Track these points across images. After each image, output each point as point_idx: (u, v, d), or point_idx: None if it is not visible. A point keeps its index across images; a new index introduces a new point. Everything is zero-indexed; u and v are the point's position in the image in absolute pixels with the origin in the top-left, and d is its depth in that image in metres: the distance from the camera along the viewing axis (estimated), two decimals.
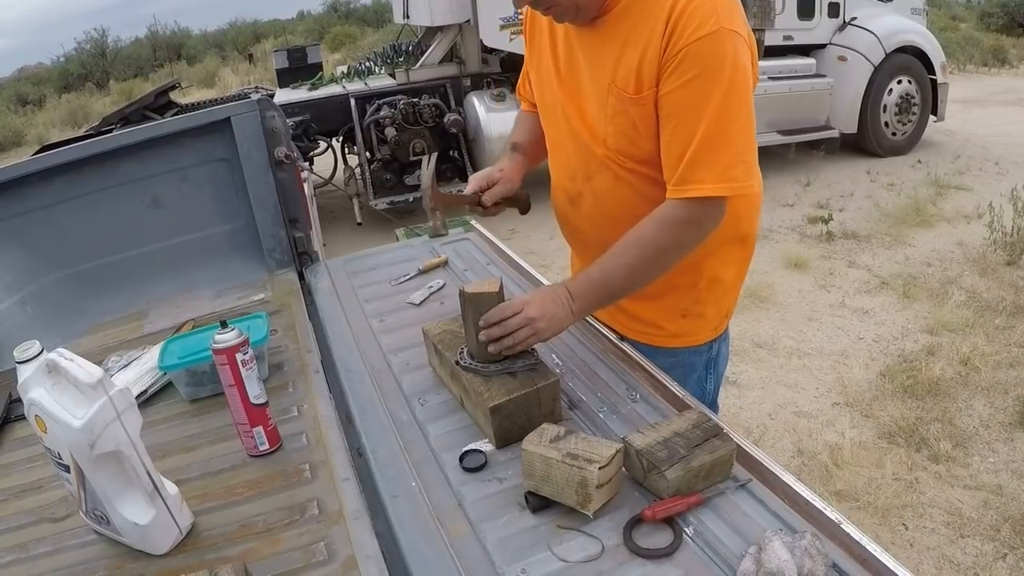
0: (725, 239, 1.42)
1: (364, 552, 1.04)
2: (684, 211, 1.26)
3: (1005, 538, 2.27)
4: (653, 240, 1.27)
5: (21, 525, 1.23)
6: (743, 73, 1.21)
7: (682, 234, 1.27)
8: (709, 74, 1.19)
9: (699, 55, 1.18)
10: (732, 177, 1.23)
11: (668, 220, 1.27)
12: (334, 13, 24.49)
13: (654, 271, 1.31)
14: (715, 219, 1.28)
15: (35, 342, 1.09)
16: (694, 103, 1.21)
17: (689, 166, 1.23)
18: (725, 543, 0.98)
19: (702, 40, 1.18)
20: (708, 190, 1.23)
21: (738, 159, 1.23)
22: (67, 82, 19.13)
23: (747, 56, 1.22)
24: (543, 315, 1.26)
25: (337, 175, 6.12)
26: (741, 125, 1.23)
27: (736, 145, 1.22)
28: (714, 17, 1.18)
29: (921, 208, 5.15)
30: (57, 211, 1.99)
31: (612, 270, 1.29)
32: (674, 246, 1.28)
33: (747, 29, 1.24)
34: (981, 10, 15.34)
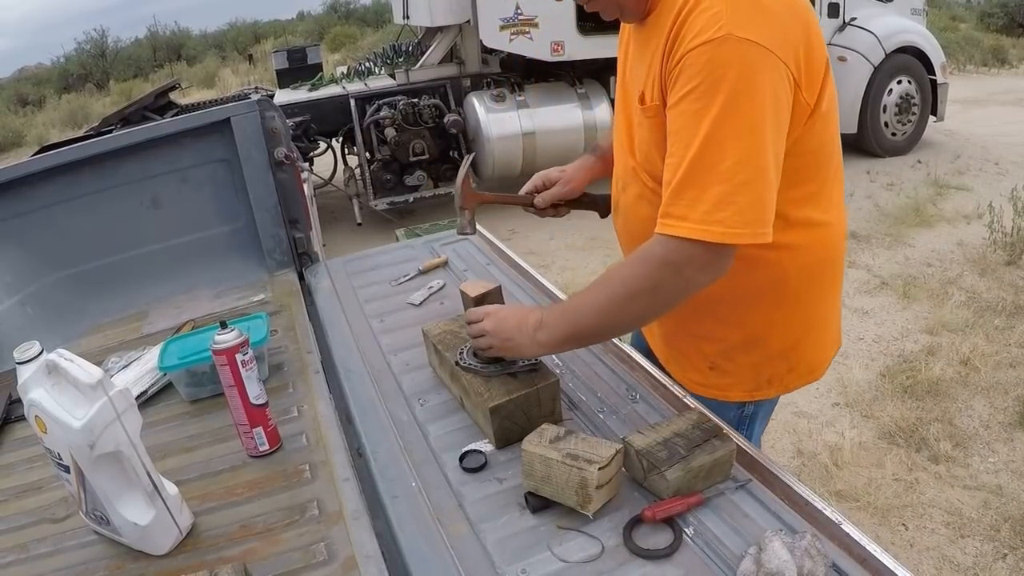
0: (765, 295, 1.23)
1: (364, 552, 1.04)
2: (661, 249, 1.06)
3: (1005, 538, 2.27)
4: (624, 280, 1.10)
5: (21, 525, 1.23)
6: (756, 94, 0.99)
7: (656, 277, 1.07)
8: (706, 89, 1.00)
9: (696, 65, 1.01)
10: (718, 220, 1.01)
11: (644, 257, 1.09)
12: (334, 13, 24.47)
13: (626, 316, 1.13)
14: (701, 267, 1.05)
15: (35, 343, 1.09)
16: (686, 123, 1.03)
17: (672, 197, 1.05)
18: (725, 543, 0.98)
19: (701, 48, 1.00)
20: (684, 229, 1.03)
21: (729, 199, 1.00)
22: (67, 83, 19.13)
23: (770, 75, 1.00)
24: (497, 333, 1.22)
25: (337, 175, 6.11)
26: (740, 158, 1.00)
27: (729, 181, 1.00)
28: (720, 21, 0.99)
29: (921, 208, 5.15)
30: (57, 211, 1.99)
31: (580, 306, 1.15)
32: (646, 289, 1.08)
33: (779, 35, 1.01)
34: (981, 10, 15.35)
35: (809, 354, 1.32)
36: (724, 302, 1.23)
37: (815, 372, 1.34)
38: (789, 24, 1.03)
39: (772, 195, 1.03)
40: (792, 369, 1.31)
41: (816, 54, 1.07)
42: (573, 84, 5.68)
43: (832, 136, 1.18)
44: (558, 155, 5.66)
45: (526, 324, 1.20)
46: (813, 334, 1.30)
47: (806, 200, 1.18)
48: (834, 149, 1.21)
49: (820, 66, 1.08)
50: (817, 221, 1.20)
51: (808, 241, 1.20)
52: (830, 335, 1.36)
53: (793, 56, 1.03)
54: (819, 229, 1.21)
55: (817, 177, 1.18)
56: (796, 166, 1.10)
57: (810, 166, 1.16)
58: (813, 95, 1.08)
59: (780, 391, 1.34)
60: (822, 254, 1.25)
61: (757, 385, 1.31)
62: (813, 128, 1.11)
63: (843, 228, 1.29)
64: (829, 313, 1.33)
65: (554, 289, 1.76)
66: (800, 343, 1.29)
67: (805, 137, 1.11)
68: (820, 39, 1.09)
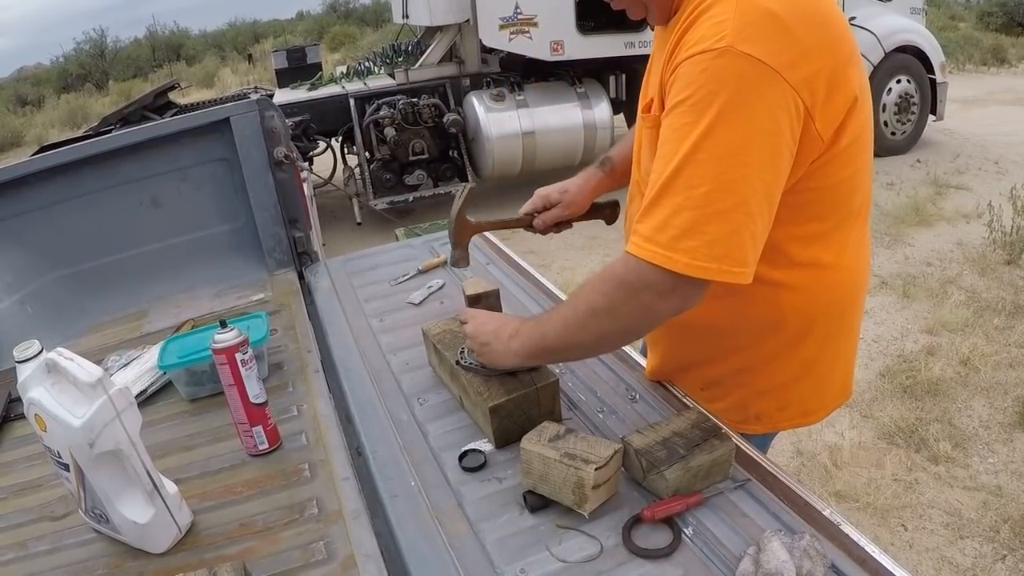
0: (760, 332, 1.16)
1: (363, 551, 1.05)
2: (621, 268, 1.00)
3: (1004, 539, 2.27)
4: (586, 297, 1.05)
5: (20, 523, 1.23)
6: (749, 116, 0.90)
7: (613, 297, 1.01)
8: (695, 103, 0.92)
9: (689, 75, 0.93)
10: (683, 249, 0.92)
11: (606, 275, 1.03)
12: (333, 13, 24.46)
13: (586, 335, 1.06)
14: (661, 295, 0.97)
15: (35, 341, 1.09)
16: (672, 136, 0.95)
17: (643, 214, 0.97)
18: (724, 543, 0.98)
19: (697, 57, 0.92)
20: (648, 252, 0.95)
21: (699, 228, 0.91)
22: (66, 82, 19.11)
23: (771, 97, 0.90)
24: (475, 337, 1.23)
25: (337, 175, 6.12)
26: (720, 185, 0.91)
27: (702, 209, 0.91)
28: (724, 30, 0.90)
29: (920, 208, 5.15)
30: (57, 211, 1.99)
31: (549, 319, 1.11)
32: (603, 309, 1.02)
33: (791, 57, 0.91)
34: (980, 10, 15.33)
35: (804, 397, 1.24)
36: (723, 332, 1.19)
37: (809, 416, 1.27)
38: (811, 47, 0.92)
39: (754, 231, 0.94)
40: (783, 408, 1.24)
41: (843, 86, 0.97)
42: (573, 84, 5.68)
43: (853, 175, 1.07)
44: (558, 155, 5.67)
45: (503, 331, 1.18)
46: (811, 379, 1.22)
47: (813, 239, 1.09)
48: (856, 187, 1.09)
49: (846, 99, 0.98)
50: (824, 263, 1.11)
51: (811, 283, 1.12)
52: (833, 383, 1.27)
53: (807, 82, 0.92)
54: (826, 272, 1.12)
55: (829, 217, 1.09)
56: (803, 202, 1.03)
57: (821, 203, 1.07)
58: (829, 129, 0.97)
59: (769, 429, 1.27)
60: (827, 298, 1.15)
61: (744, 418, 1.24)
62: (829, 165, 1.01)
63: (860, 272, 1.20)
64: (835, 361, 1.23)
65: (554, 289, 1.76)
66: (795, 384, 1.21)
67: (816, 174, 1.02)
68: (856, 71, 0.99)
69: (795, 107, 0.92)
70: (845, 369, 1.29)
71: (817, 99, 0.94)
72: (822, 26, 0.95)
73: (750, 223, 0.93)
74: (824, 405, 1.28)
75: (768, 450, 1.34)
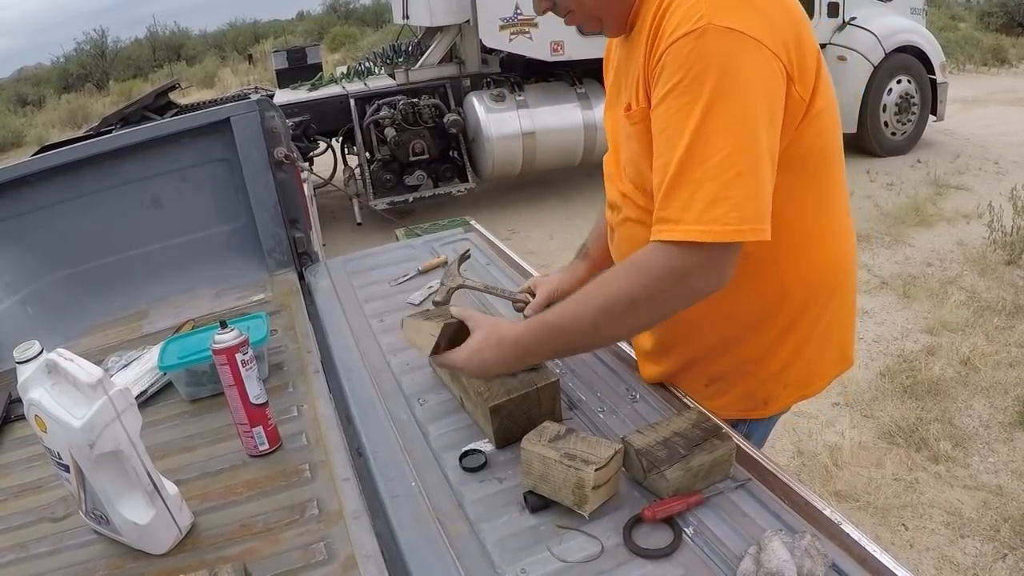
0: (763, 309, 1.18)
1: (364, 552, 1.04)
2: (661, 256, 1.01)
3: (1005, 538, 2.27)
4: (620, 292, 1.04)
5: (21, 525, 1.23)
6: (744, 83, 0.96)
7: (657, 287, 1.01)
8: (689, 83, 0.96)
9: (677, 59, 0.97)
10: (714, 218, 0.95)
11: (641, 265, 1.03)
12: (334, 13, 24.48)
13: (623, 330, 1.10)
14: (704, 272, 1.00)
15: (35, 342, 1.09)
16: (673, 120, 0.98)
17: (665, 201, 1.00)
18: (725, 543, 0.98)
19: (681, 41, 0.96)
20: (682, 232, 0.97)
21: (723, 195, 0.95)
22: (67, 83, 19.12)
23: (758, 63, 0.96)
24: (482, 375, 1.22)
25: (337, 175, 6.12)
26: (732, 151, 0.95)
27: (721, 176, 0.95)
28: (699, 11, 0.96)
29: (921, 208, 5.15)
30: (57, 211, 1.99)
31: (573, 317, 1.09)
32: (645, 298, 1.02)
33: (763, 24, 0.97)
34: (980, 10, 15.34)
35: (803, 370, 1.26)
36: (723, 322, 1.19)
37: (810, 387, 1.29)
38: (776, 16, 1.00)
39: (768, 189, 0.99)
40: (787, 386, 1.27)
41: (808, 51, 1.03)
42: (573, 84, 5.67)
43: (829, 142, 1.13)
44: (558, 155, 5.67)
45: (504, 355, 1.15)
46: (808, 352, 1.24)
47: (806, 211, 1.13)
48: (832, 154, 1.15)
49: (813, 63, 1.04)
50: (819, 233, 1.16)
51: (808, 255, 1.15)
52: (831, 352, 1.29)
53: (783, 48, 0.99)
54: (821, 241, 1.16)
55: (815, 183, 1.13)
56: (793, 172, 1.06)
57: (807, 172, 1.11)
58: (807, 90, 1.04)
59: (777, 409, 1.30)
60: (824, 268, 1.19)
61: (753, 405, 1.27)
62: (807, 130, 1.07)
63: (849, 241, 1.24)
64: (829, 332, 1.25)
65: None
66: (795, 361, 1.24)
67: (798, 140, 1.06)
68: (812, 38, 1.06)
69: (779, 71, 0.99)
70: (841, 339, 1.30)
71: (793, 62, 1.00)
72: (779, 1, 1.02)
73: (764, 182, 0.98)
74: (823, 374, 1.30)
75: (773, 428, 1.38)
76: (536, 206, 5.70)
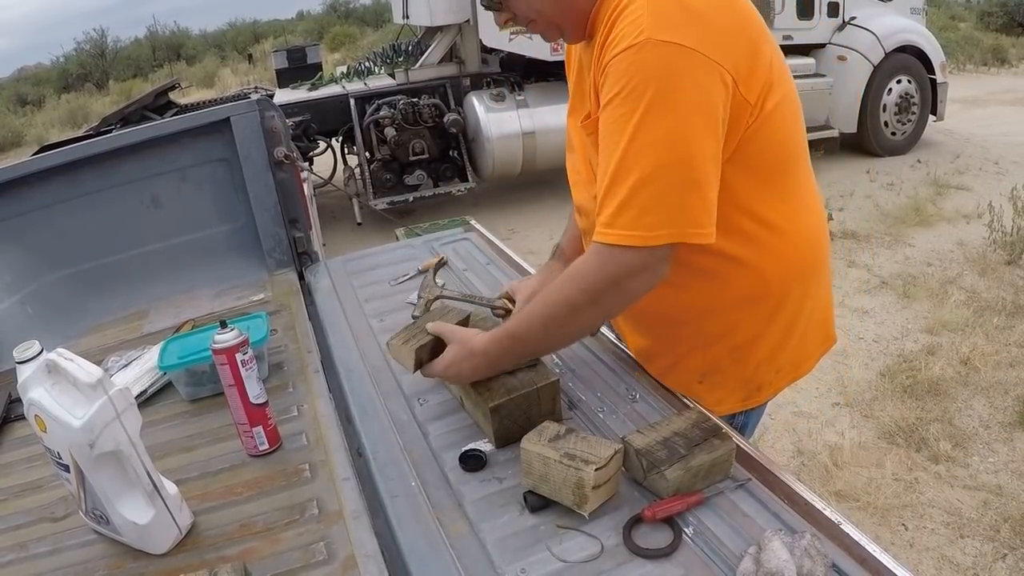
0: (746, 298, 1.22)
1: (364, 552, 1.04)
2: (596, 260, 1.07)
3: (1005, 538, 2.27)
4: (562, 295, 1.11)
5: (21, 525, 1.23)
6: (679, 95, 0.99)
7: (594, 289, 1.08)
8: (627, 95, 1.01)
9: (617, 71, 1.02)
10: (645, 224, 1.01)
11: (579, 271, 1.09)
12: (333, 13, 24.48)
13: (571, 329, 1.17)
14: (639, 273, 1.06)
15: (35, 342, 1.09)
16: (612, 129, 1.03)
17: (602, 205, 1.05)
18: (725, 543, 0.98)
19: (622, 55, 1.01)
20: (614, 236, 1.03)
21: (655, 202, 1.01)
22: (66, 82, 19.12)
23: (695, 74, 1.00)
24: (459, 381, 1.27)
25: (337, 175, 6.12)
26: (666, 161, 1.00)
27: (654, 184, 1.00)
28: (640, 26, 1.00)
29: (921, 208, 5.15)
30: (57, 211, 1.99)
31: (527, 326, 1.17)
32: (586, 302, 1.09)
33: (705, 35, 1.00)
34: (980, 10, 15.34)
35: (792, 352, 1.30)
36: (709, 315, 1.22)
37: (800, 368, 1.33)
38: (726, 28, 1.03)
39: (704, 195, 1.03)
40: (779, 370, 1.30)
41: (760, 57, 1.07)
42: None
43: (791, 135, 1.17)
44: (558, 155, 5.63)
45: (479, 366, 1.22)
46: (796, 333, 1.28)
47: (774, 199, 1.18)
48: (796, 144, 1.20)
49: (763, 63, 1.08)
50: (791, 217, 1.20)
51: (783, 239, 1.19)
52: (815, 332, 1.33)
53: (728, 54, 1.02)
54: (794, 225, 1.21)
55: (779, 177, 1.18)
56: (752, 166, 1.11)
57: (769, 166, 1.15)
58: (754, 92, 1.07)
59: (770, 394, 1.33)
60: (802, 250, 1.24)
61: (748, 394, 1.30)
62: (763, 128, 1.10)
63: (820, 228, 1.29)
64: (813, 312, 1.30)
65: None
66: (784, 344, 1.27)
67: (754, 137, 1.10)
68: (769, 46, 1.09)
69: (721, 77, 1.02)
70: (823, 318, 1.35)
71: (741, 71, 1.04)
72: (730, 8, 1.06)
73: (698, 188, 1.03)
74: (810, 354, 1.35)
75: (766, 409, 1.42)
76: (536, 206, 5.69)
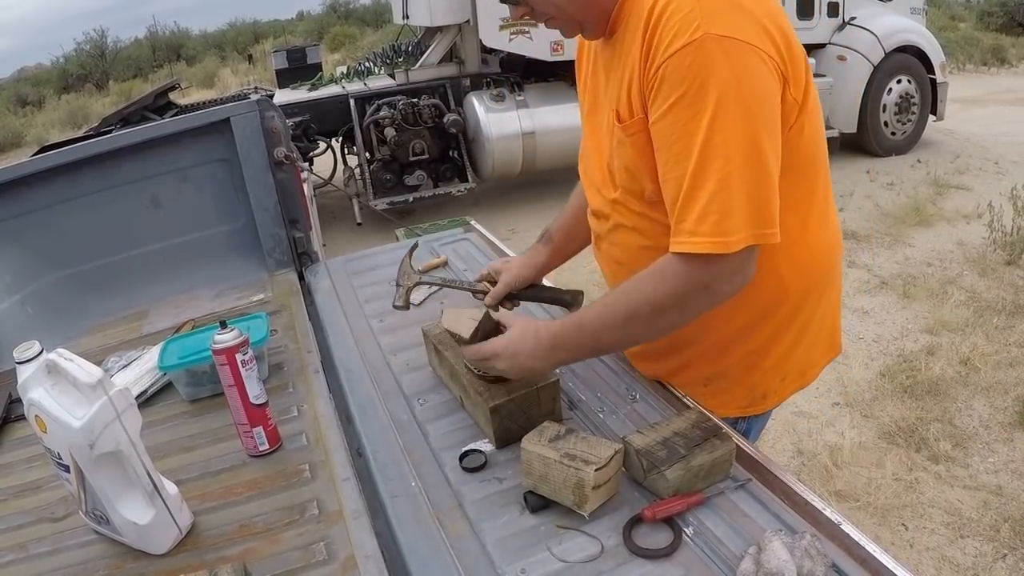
0: (765, 304, 1.19)
1: (364, 552, 1.04)
2: (683, 267, 1.03)
3: (1005, 539, 2.27)
4: (649, 299, 1.07)
5: (21, 525, 1.23)
6: (746, 91, 0.96)
7: (684, 293, 1.05)
8: (692, 97, 0.96)
9: (677, 73, 0.97)
10: (728, 229, 0.98)
11: (666, 275, 1.05)
12: (333, 13, 24.48)
13: (650, 332, 1.13)
14: (727, 278, 1.03)
15: (35, 342, 1.09)
16: (680, 135, 0.99)
17: (681, 214, 1.02)
18: (725, 543, 0.98)
19: (679, 53, 0.96)
20: (701, 245, 1.00)
21: (734, 205, 0.97)
22: (66, 83, 19.11)
23: (757, 69, 0.97)
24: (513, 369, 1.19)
25: (337, 175, 6.12)
26: (742, 160, 0.97)
27: (733, 187, 0.97)
28: (695, 21, 0.95)
29: (921, 208, 5.14)
30: (57, 211, 1.99)
31: (605, 327, 1.12)
32: (673, 308, 1.06)
33: (758, 30, 0.98)
34: (980, 9, 15.34)
35: (799, 360, 1.28)
36: (728, 319, 1.18)
37: (805, 376, 1.31)
38: (765, 20, 1.00)
39: (775, 192, 1.01)
40: (784, 378, 1.28)
41: (796, 50, 1.05)
42: (573, 84, 5.64)
43: (818, 138, 1.15)
44: (558, 155, 5.65)
45: (540, 349, 1.16)
46: (805, 341, 1.26)
47: (802, 203, 1.15)
48: (821, 152, 1.18)
49: (802, 61, 1.06)
50: (813, 223, 1.18)
51: (805, 245, 1.17)
52: (823, 340, 1.32)
53: (776, 52, 1.00)
54: (816, 231, 1.18)
55: (807, 180, 1.15)
56: (789, 167, 1.07)
57: (803, 167, 1.13)
58: (800, 91, 1.05)
59: (775, 402, 1.31)
60: (820, 257, 1.22)
61: (752, 400, 1.29)
62: (802, 128, 1.09)
63: (837, 231, 1.28)
64: (823, 320, 1.29)
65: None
66: (792, 352, 1.26)
67: (797, 139, 1.08)
68: (795, 36, 1.06)
69: (776, 72, 1.00)
70: (832, 326, 1.34)
71: (787, 65, 1.02)
72: (764, 2, 1.04)
73: (771, 185, 1.01)
74: (815, 362, 1.33)
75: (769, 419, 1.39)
76: (536, 206, 5.68)
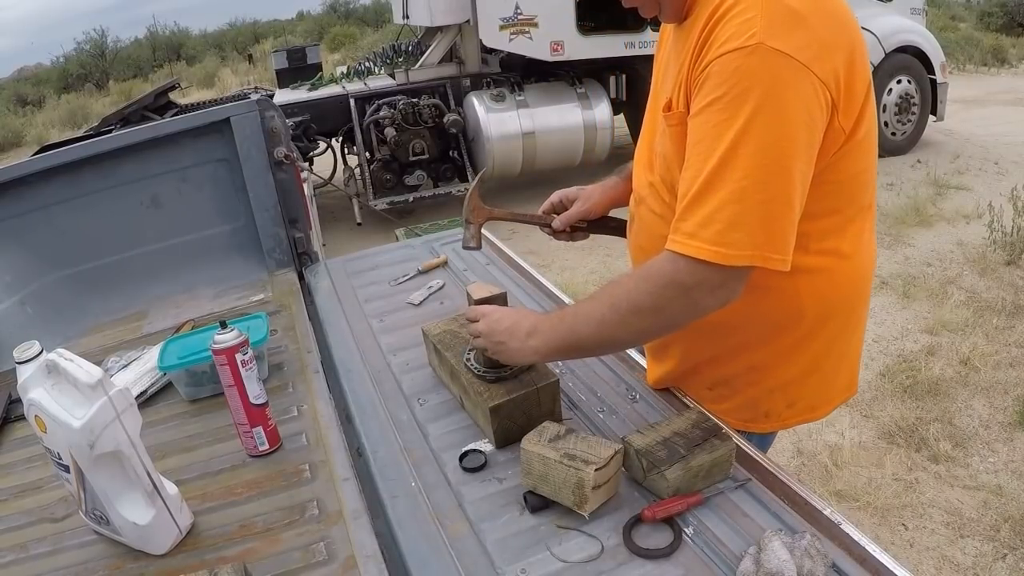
0: (778, 325, 1.16)
1: (364, 552, 1.05)
2: (669, 267, 1.00)
3: (1005, 538, 2.27)
4: (628, 295, 1.04)
5: (21, 525, 1.23)
6: (785, 110, 0.93)
7: (662, 295, 1.01)
8: (729, 101, 0.94)
9: (723, 73, 0.94)
10: (730, 242, 0.95)
11: (651, 273, 1.03)
12: (333, 13, 24.47)
13: (625, 332, 1.07)
14: (710, 290, 0.99)
15: (35, 342, 1.09)
16: (707, 135, 0.97)
17: (685, 212, 0.99)
18: (725, 543, 0.98)
19: (730, 55, 0.94)
20: (693, 249, 0.97)
21: (743, 220, 0.94)
22: (66, 82, 19.11)
23: (803, 92, 0.93)
24: (489, 335, 1.19)
25: (337, 175, 6.11)
26: (761, 177, 0.93)
27: (745, 201, 0.94)
28: (753, 28, 0.92)
29: (921, 208, 5.14)
30: (57, 211, 1.99)
31: (579, 316, 1.10)
32: (650, 307, 1.02)
33: (817, 52, 0.94)
34: (980, 10, 15.34)
35: (812, 392, 1.24)
36: (736, 329, 1.17)
37: (816, 412, 1.27)
38: (830, 41, 0.96)
39: (792, 220, 0.97)
40: (791, 405, 1.24)
41: (859, 77, 1.00)
42: (573, 84, 5.67)
43: (867, 167, 1.10)
44: (558, 155, 5.67)
45: (519, 329, 1.15)
46: (820, 374, 1.22)
47: (832, 231, 1.11)
48: (869, 180, 1.13)
49: (862, 89, 1.01)
50: (842, 253, 1.13)
51: (829, 273, 1.13)
52: (840, 378, 1.27)
53: (832, 76, 0.95)
54: (841, 263, 1.14)
55: (846, 208, 1.11)
56: (824, 193, 1.04)
57: (840, 195, 1.09)
58: (850, 121, 1.01)
59: (777, 427, 1.28)
60: (842, 290, 1.17)
61: (753, 416, 1.25)
62: (847, 157, 1.04)
63: (870, 265, 1.22)
64: (843, 355, 1.25)
65: (554, 289, 1.76)
66: (804, 380, 1.22)
67: (838, 166, 1.04)
68: (865, 62, 1.02)
69: (824, 100, 0.96)
70: (851, 365, 1.29)
71: (840, 91, 0.97)
72: (835, 19, 0.98)
73: (789, 212, 0.97)
74: (830, 400, 1.28)
75: (769, 448, 1.34)
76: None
